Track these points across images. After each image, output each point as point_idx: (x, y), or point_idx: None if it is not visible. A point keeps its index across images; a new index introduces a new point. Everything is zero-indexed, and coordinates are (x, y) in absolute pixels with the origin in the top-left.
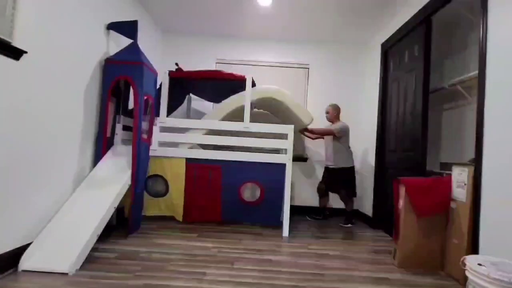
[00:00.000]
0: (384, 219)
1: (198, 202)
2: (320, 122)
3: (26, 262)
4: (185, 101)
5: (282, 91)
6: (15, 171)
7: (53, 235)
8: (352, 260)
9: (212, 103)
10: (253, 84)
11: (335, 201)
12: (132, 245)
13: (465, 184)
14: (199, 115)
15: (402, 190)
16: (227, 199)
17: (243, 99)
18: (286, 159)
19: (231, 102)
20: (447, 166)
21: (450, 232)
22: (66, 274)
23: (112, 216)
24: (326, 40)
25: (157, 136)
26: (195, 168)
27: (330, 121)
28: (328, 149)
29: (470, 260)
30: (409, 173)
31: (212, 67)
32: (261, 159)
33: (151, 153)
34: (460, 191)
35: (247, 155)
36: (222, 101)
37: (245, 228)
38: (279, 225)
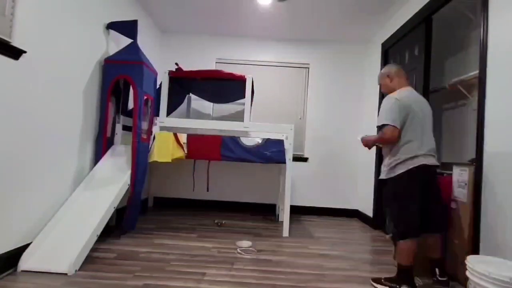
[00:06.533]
0: (384, 219)
1: None
2: (319, 122)
3: (26, 263)
4: (185, 101)
5: None
6: (14, 171)
7: (52, 235)
8: (352, 260)
9: (212, 103)
10: (252, 85)
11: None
12: (132, 245)
13: (465, 184)
14: (199, 115)
15: None
16: None
17: None
18: (286, 158)
19: None
20: (448, 166)
21: (450, 232)
22: (66, 274)
23: (111, 216)
24: (326, 40)
25: None
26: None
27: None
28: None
29: (470, 260)
30: None
31: (212, 67)
32: None
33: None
34: (460, 191)
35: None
36: None
37: (245, 228)
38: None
